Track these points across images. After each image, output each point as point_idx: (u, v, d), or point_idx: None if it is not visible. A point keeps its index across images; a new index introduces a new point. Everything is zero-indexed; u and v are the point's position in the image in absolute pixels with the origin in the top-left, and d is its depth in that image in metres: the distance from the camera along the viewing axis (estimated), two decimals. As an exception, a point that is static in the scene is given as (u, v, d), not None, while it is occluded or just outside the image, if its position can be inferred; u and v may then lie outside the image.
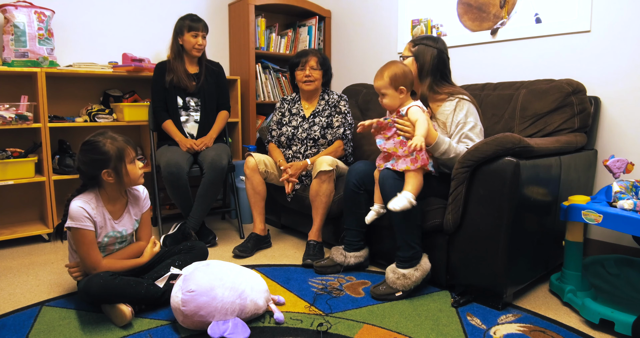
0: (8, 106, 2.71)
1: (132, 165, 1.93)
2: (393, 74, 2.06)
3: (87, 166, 1.88)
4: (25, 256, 2.64)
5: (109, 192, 1.94)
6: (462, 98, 2.17)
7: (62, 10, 3.09)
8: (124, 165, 1.89)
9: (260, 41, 3.78)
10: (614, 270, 2.21)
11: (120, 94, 3.28)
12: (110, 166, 1.87)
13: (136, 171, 1.95)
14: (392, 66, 2.10)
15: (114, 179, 1.89)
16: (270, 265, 2.46)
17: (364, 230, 2.35)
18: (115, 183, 1.90)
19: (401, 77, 2.06)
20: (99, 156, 1.86)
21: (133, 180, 1.95)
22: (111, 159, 1.86)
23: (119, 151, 1.88)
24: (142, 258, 2.03)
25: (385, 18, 3.57)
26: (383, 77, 2.08)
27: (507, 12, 2.82)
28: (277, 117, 2.90)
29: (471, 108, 2.16)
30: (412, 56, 2.23)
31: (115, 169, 1.87)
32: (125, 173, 1.90)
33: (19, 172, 2.76)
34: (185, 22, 2.87)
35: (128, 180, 1.93)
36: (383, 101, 2.13)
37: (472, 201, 1.95)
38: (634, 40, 2.34)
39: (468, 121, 2.13)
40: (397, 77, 2.06)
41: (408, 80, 2.09)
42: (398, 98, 2.09)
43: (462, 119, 2.13)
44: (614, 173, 2.03)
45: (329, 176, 2.48)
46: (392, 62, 2.14)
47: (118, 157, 1.87)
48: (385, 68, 2.10)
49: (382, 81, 2.09)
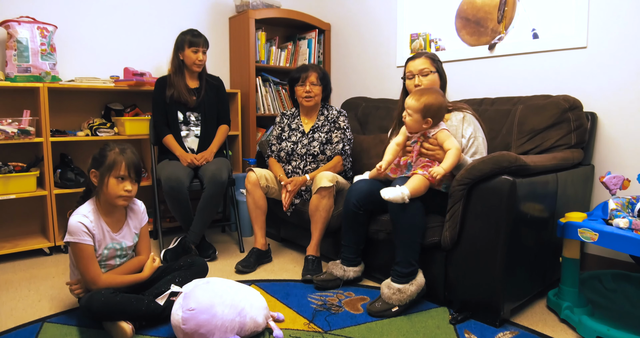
0: (10, 121, 2.74)
1: (116, 181, 1.92)
2: (429, 104, 2.05)
3: (91, 161, 1.99)
4: (27, 270, 2.65)
5: (103, 202, 1.97)
6: (466, 112, 2.25)
7: (65, 25, 3.12)
8: (108, 176, 1.92)
9: (261, 54, 3.82)
10: (611, 285, 2.22)
11: (121, 108, 3.30)
12: (99, 169, 1.93)
13: (116, 190, 1.92)
14: (433, 94, 2.08)
15: (97, 183, 1.95)
16: (269, 280, 2.48)
17: (361, 246, 2.38)
18: (98, 188, 1.95)
19: (435, 109, 2.06)
20: (97, 156, 1.96)
21: (110, 195, 1.92)
22: (102, 164, 1.92)
23: (112, 162, 1.92)
24: (143, 273, 2.05)
25: (385, 32, 3.61)
26: (419, 100, 2.07)
27: (504, 27, 2.86)
28: (276, 132, 2.92)
29: (476, 122, 2.24)
30: (435, 71, 2.30)
31: (101, 174, 1.93)
32: (105, 184, 1.92)
33: (21, 186, 2.78)
34: (186, 38, 2.90)
35: (106, 192, 1.93)
36: (406, 119, 2.13)
37: (470, 218, 1.97)
38: (630, 56, 2.36)
39: (477, 136, 2.21)
40: (431, 108, 2.06)
41: (439, 114, 2.09)
42: (421, 126, 2.09)
43: (472, 134, 2.20)
44: (610, 190, 2.05)
45: (329, 192, 2.50)
46: (435, 90, 2.12)
47: (108, 166, 1.92)
48: (425, 93, 2.09)
49: (415, 103, 2.08)
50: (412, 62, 2.35)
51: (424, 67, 2.30)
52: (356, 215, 2.31)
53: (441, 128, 2.11)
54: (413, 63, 2.34)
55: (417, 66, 2.32)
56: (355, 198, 2.30)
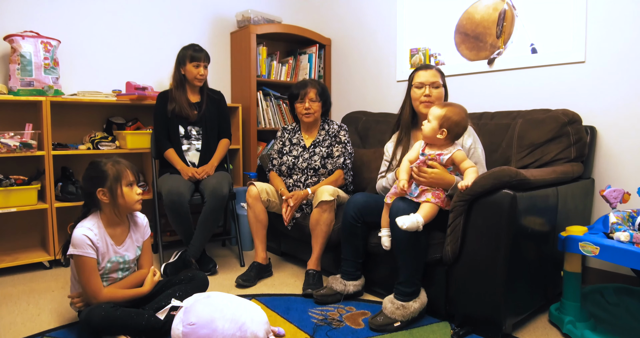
0: (13, 134, 2.75)
1: (128, 188, 1.96)
2: (449, 115, 2.03)
3: (86, 183, 1.96)
4: (26, 283, 2.65)
5: (108, 215, 1.97)
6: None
7: (68, 39, 3.15)
8: (120, 187, 1.93)
9: (262, 69, 3.85)
10: (613, 299, 2.21)
11: (123, 122, 3.32)
12: (106, 185, 1.91)
13: (132, 196, 1.97)
14: (455, 109, 2.07)
15: (108, 199, 1.93)
16: (270, 295, 2.47)
17: (360, 260, 2.38)
18: (110, 204, 1.94)
19: (453, 123, 2.03)
20: (97, 174, 1.93)
21: (128, 203, 1.97)
22: (107, 179, 1.91)
23: (117, 172, 1.93)
24: (143, 288, 2.04)
25: (385, 47, 3.64)
26: (441, 109, 2.06)
27: (503, 42, 2.88)
28: (277, 146, 2.93)
29: (475, 134, 2.26)
30: (442, 86, 2.33)
31: (111, 189, 1.92)
32: (120, 195, 1.93)
33: (22, 199, 2.78)
34: (187, 53, 2.92)
35: (123, 202, 1.95)
36: (423, 125, 2.11)
37: (471, 233, 1.97)
38: (628, 70, 2.39)
39: (477, 147, 2.23)
40: (450, 121, 2.03)
41: (457, 128, 2.06)
42: (435, 135, 2.06)
43: (472, 145, 2.22)
44: (610, 203, 2.05)
45: (330, 206, 2.50)
46: (459, 106, 2.10)
47: (115, 177, 1.92)
48: (451, 105, 2.08)
49: (438, 111, 2.06)
50: (424, 73, 2.34)
51: (435, 79, 2.31)
52: (354, 228, 2.31)
53: (457, 148, 2.08)
54: (425, 74, 2.33)
55: (430, 77, 2.31)
56: (353, 211, 2.30)
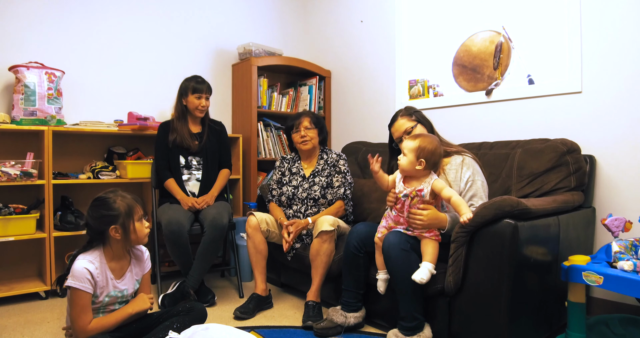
0: (14, 163, 2.76)
1: (139, 223, 1.95)
2: (423, 145, 2.08)
3: (96, 222, 1.90)
4: (21, 314, 2.60)
5: (114, 250, 1.94)
6: (466, 155, 2.27)
7: (72, 70, 3.20)
8: (132, 222, 1.91)
9: (262, 100, 3.89)
10: (619, 330, 2.17)
11: (124, 152, 3.34)
12: (119, 222, 1.89)
13: (143, 230, 1.97)
14: (428, 138, 2.12)
15: (120, 236, 1.90)
16: (269, 327, 2.42)
17: (362, 291, 2.35)
18: (121, 239, 1.91)
19: (429, 152, 2.07)
20: (109, 212, 1.88)
21: (140, 238, 1.96)
22: (120, 216, 1.89)
23: (129, 208, 1.91)
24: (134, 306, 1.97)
25: (384, 78, 3.70)
26: (415, 141, 2.11)
27: (500, 74, 2.93)
28: (276, 177, 2.94)
29: (475, 165, 2.25)
30: (417, 123, 2.34)
31: (123, 225, 1.89)
32: (132, 230, 1.91)
33: (20, 228, 2.77)
34: (189, 84, 2.97)
35: (135, 237, 1.94)
36: (400, 159, 2.14)
37: (473, 263, 1.95)
38: (624, 100, 2.42)
39: (476, 179, 2.21)
40: (425, 151, 2.07)
41: (433, 158, 2.09)
42: (414, 167, 2.09)
43: (470, 177, 2.20)
44: (612, 232, 2.04)
45: (330, 236, 2.48)
46: (430, 136, 2.15)
47: (127, 214, 1.90)
48: (421, 136, 2.13)
49: (411, 143, 2.11)
50: (393, 127, 2.41)
51: (405, 127, 2.35)
52: (356, 258, 2.29)
53: (434, 178, 2.11)
54: (394, 128, 2.40)
55: (399, 128, 2.37)
56: (356, 240, 2.29)
